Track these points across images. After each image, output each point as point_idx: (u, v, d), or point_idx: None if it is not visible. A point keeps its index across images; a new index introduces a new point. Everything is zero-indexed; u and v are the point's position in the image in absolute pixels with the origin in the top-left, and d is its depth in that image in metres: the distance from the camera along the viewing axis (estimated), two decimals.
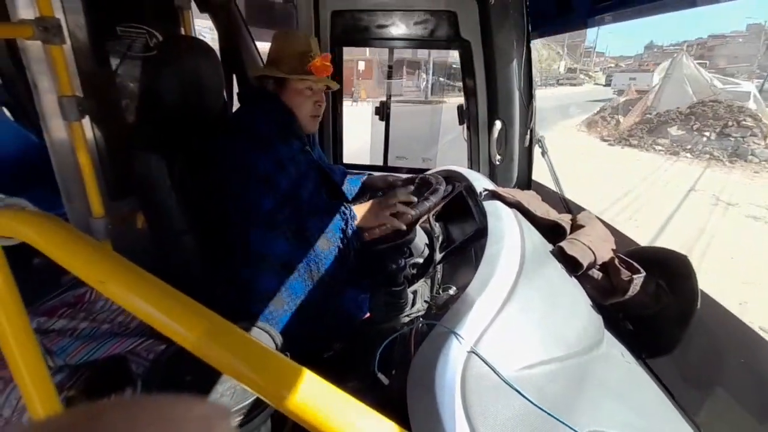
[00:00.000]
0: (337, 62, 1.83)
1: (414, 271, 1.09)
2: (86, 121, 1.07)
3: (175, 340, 0.38)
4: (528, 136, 1.54)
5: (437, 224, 1.22)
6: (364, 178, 1.46)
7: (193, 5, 1.73)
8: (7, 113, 1.99)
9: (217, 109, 1.24)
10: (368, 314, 0.95)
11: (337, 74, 1.84)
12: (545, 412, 0.50)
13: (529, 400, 0.51)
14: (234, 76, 1.72)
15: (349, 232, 0.97)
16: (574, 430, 0.48)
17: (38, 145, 1.70)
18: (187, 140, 1.12)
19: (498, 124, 1.60)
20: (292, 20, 1.83)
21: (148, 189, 0.99)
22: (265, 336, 0.78)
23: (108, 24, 1.21)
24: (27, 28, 0.91)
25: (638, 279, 0.80)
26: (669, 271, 0.83)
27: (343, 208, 0.99)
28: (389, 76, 2.25)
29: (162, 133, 1.02)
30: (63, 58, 0.98)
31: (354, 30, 1.79)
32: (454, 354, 0.57)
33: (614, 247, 0.94)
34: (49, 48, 0.96)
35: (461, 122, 1.76)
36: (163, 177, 0.98)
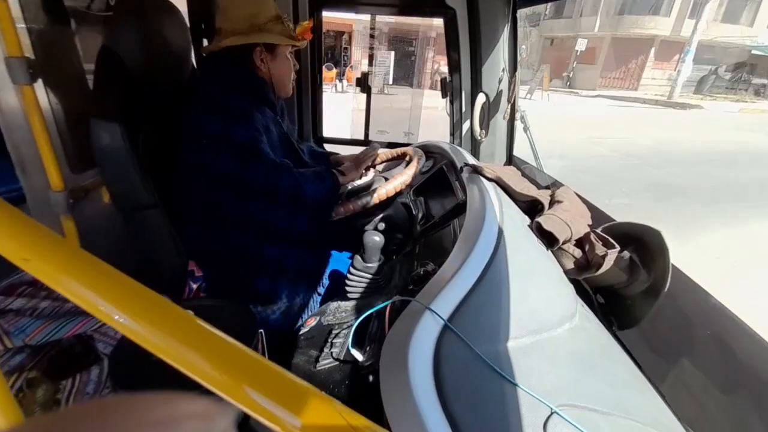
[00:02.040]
0: (317, 27, 1.73)
1: (393, 247, 1.08)
2: (39, 86, 0.98)
3: (112, 325, 0.35)
4: (509, 111, 1.52)
5: (417, 199, 1.20)
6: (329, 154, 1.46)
7: None
8: None
9: (186, 75, 1.17)
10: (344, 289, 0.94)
11: (317, 40, 1.76)
12: (519, 387, 0.50)
13: (503, 375, 0.51)
14: (204, 42, 1.61)
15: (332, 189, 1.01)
16: (546, 404, 0.48)
17: None
18: (152, 109, 1.05)
19: (481, 98, 1.56)
20: None
21: (111, 161, 0.93)
22: (234, 313, 0.76)
23: None
24: None
25: (612, 254, 0.81)
26: (642, 245, 0.84)
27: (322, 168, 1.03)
28: (371, 49, 2.16)
29: (124, 101, 0.95)
30: (8, 15, 0.88)
31: None
32: (429, 329, 0.56)
33: (590, 223, 0.94)
34: None
35: (444, 95, 1.72)
36: (126, 148, 0.91)
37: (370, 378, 0.61)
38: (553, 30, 22.59)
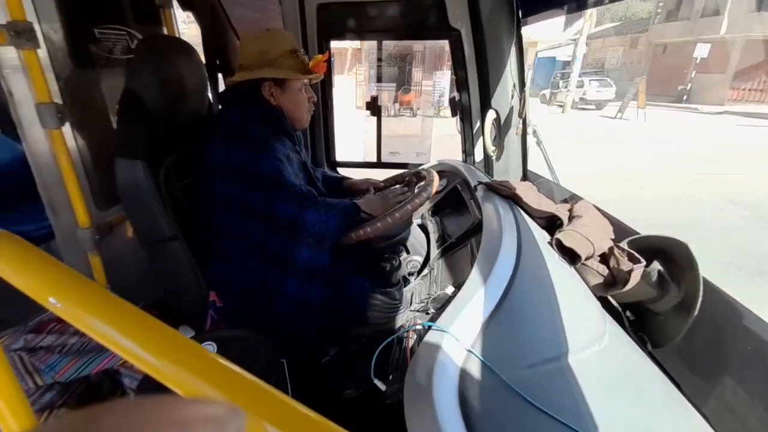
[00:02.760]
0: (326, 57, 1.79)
1: (410, 270, 1.07)
2: (67, 129, 1.03)
3: (139, 366, 0.35)
4: (521, 126, 1.51)
5: (433, 220, 1.20)
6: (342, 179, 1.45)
7: (175, 3, 1.69)
8: None
9: (203, 110, 1.21)
10: (365, 316, 0.93)
11: (326, 70, 1.81)
12: (549, 414, 0.48)
13: (533, 403, 0.49)
14: (220, 76, 1.68)
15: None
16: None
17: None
18: (172, 144, 1.09)
19: (491, 114, 1.57)
20: (277, 16, 1.78)
21: (134, 196, 0.97)
22: (256, 344, 0.76)
23: (84, 26, 1.17)
24: None
25: (638, 269, 0.78)
26: (670, 259, 0.81)
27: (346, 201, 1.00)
28: (379, 71, 2.20)
29: (145, 138, 0.99)
30: (38, 64, 0.95)
31: (341, 23, 1.75)
32: (452, 356, 0.55)
33: (613, 237, 0.92)
34: (23, 53, 0.93)
35: (454, 114, 1.73)
36: (148, 183, 0.95)
37: (395, 407, 0.59)
38: (665, 35, 19.06)
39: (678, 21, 18.31)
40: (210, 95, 1.46)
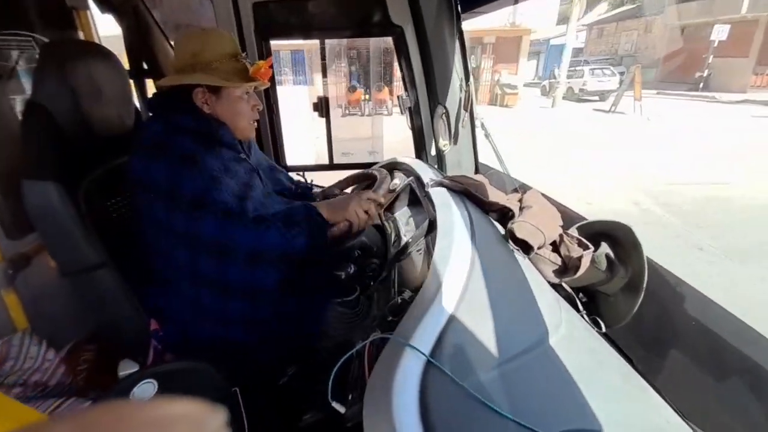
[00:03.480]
0: (265, 58, 1.70)
1: (369, 274, 1.03)
2: None
3: None
4: (469, 119, 1.53)
5: (388, 220, 1.17)
6: (318, 191, 1.31)
7: (92, 5, 1.53)
8: None
9: (129, 120, 1.10)
10: (321, 330, 0.89)
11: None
12: (515, 421, 0.46)
13: (497, 411, 0.47)
14: (148, 82, 1.55)
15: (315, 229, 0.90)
16: None
17: None
18: (93, 160, 0.98)
19: (440, 110, 1.57)
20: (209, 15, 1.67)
21: (48, 222, 0.85)
22: (204, 374, 0.69)
23: None
24: None
25: (588, 254, 0.80)
26: (616, 242, 0.84)
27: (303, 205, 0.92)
28: (324, 70, 2.15)
29: (57, 156, 0.87)
30: None
31: (279, 22, 1.67)
32: (411, 368, 0.52)
33: (561, 224, 0.93)
34: None
35: (403, 111, 1.72)
36: (64, 206, 0.84)
37: (357, 430, 0.56)
38: (682, 16, 17.00)
39: (695, 0, 16.01)
40: (138, 104, 1.34)
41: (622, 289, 0.83)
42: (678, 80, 16.11)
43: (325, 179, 1.59)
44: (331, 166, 1.94)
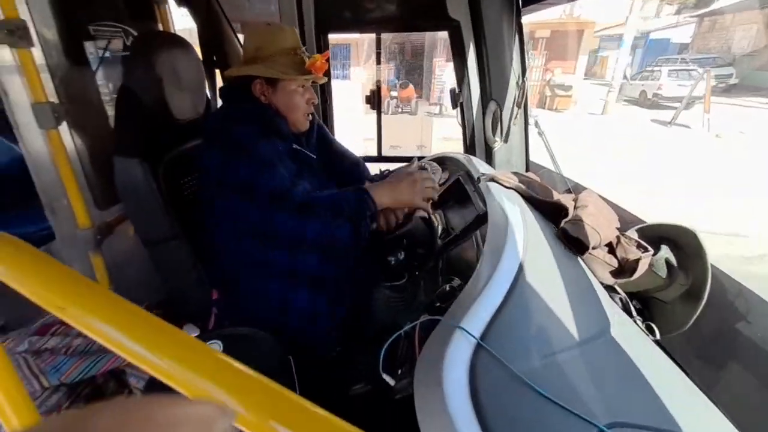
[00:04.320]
0: (323, 51, 1.77)
1: (416, 263, 1.06)
2: (64, 129, 1.02)
3: (144, 367, 0.35)
4: (522, 117, 1.50)
5: (436, 213, 1.19)
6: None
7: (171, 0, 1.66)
8: None
9: (201, 107, 1.20)
10: (372, 312, 0.93)
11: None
12: (561, 406, 0.47)
13: (544, 395, 0.48)
14: (217, 72, 1.66)
15: (365, 217, 0.90)
16: (594, 423, 0.45)
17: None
18: (171, 142, 1.08)
19: (492, 106, 1.55)
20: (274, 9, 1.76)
21: (133, 196, 0.96)
22: (263, 342, 0.75)
23: (79, 24, 1.15)
24: None
25: (646, 257, 0.77)
26: (677, 247, 0.80)
27: (355, 193, 0.92)
28: (379, 62, 2.18)
29: (143, 136, 0.97)
30: (32, 63, 0.93)
31: (339, 16, 1.73)
32: (461, 349, 0.54)
33: (618, 225, 0.91)
34: (16, 52, 0.91)
35: (454, 106, 1.72)
36: (148, 183, 0.94)
37: (405, 402, 0.59)
38: None
39: None
40: (208, 92, 1.45)
41: (681, 296, 0.80)
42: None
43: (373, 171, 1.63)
44: (380, 158, 1.98)
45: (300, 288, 0.95)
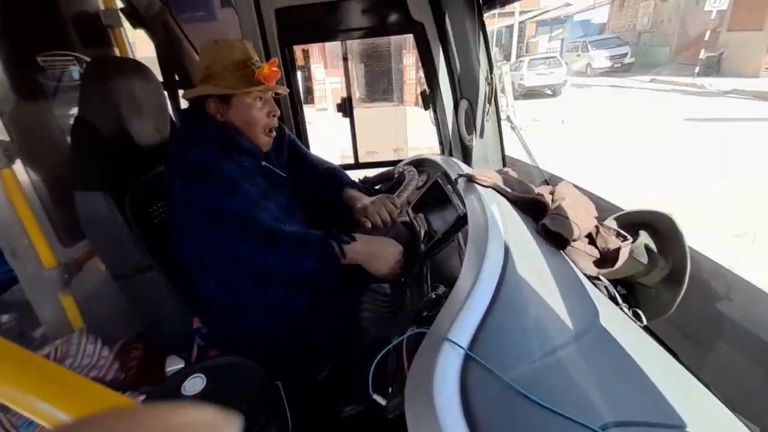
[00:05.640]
0: (289, 63, 1.74)
1: (400, 270, 1.04)
2: (18, 166, 0.97)
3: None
4: (494, 113, 1.51)
5: (417, 217, 1.18)
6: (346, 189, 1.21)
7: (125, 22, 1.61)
8: None
9: (165, 131, 1.15)
10: (357, 324, 0.90)
11: (291, 76, 1.76)
12: (557, 412, 0.46)
13: (537, 402, 0.47)
14: (180, 93, 1.61)
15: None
16: (589, 427, 0.44)
17: None
18: (135, 169, 1.04)
19: (464, 104, 1.55)
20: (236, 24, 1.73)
21: (98, 229, 0.91)
22: (249, 370, 0.72)
23: (25, 55, 1.10)
24: None
25: (626, 245, 0.78)
26: (655, 232, 0.81)
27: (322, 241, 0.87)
28: (347, 71, 2.16)
29: (104, 167, 0.93)
30: None
31: (301, 26, 1.71)
32: (450, 362, 0.53)
33: (596, 215, 0.91)
34: None
35: (426, 107, 1.72)
36: (112, 215, 0.89)
37: (398, 421, 0.57)
38: None
39: None
40: (172, 113, 1.40)
41: (663, 280, 0.80)
42: (690, 62, 11.84)
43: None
44: (357, 165, 1.96)
45: (280, 314, 0.92)
